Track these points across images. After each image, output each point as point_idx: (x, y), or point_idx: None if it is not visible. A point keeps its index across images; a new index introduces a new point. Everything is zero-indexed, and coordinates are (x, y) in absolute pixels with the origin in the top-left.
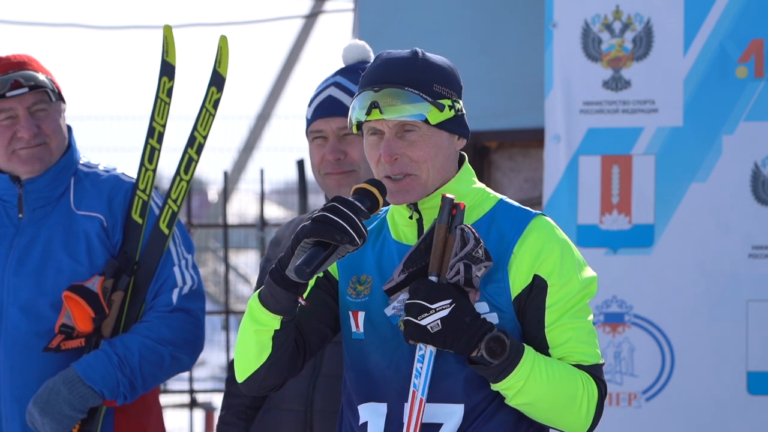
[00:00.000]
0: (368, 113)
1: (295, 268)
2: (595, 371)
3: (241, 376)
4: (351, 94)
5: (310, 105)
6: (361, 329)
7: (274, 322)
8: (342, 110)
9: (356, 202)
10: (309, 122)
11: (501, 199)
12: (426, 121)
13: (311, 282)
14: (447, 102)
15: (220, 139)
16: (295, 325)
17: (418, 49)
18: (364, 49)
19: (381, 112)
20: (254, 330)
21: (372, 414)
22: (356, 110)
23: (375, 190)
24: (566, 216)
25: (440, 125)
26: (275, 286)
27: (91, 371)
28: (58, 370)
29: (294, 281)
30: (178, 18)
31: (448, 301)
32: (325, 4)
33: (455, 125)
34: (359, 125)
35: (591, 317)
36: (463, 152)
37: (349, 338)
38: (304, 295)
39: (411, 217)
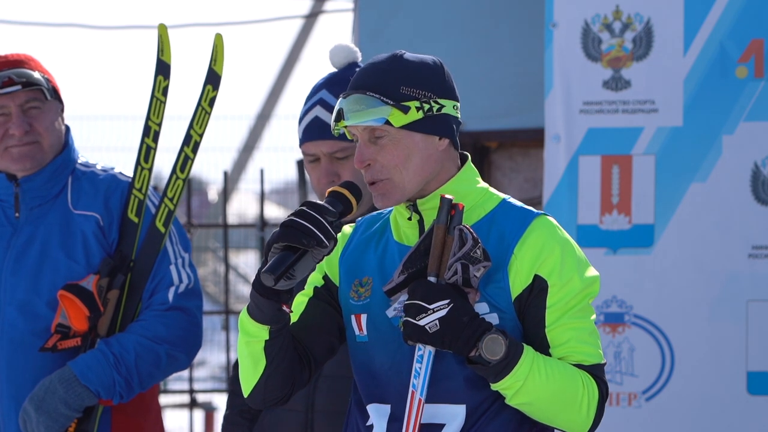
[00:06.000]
0: (336, 120)
1: (260, 275)
2: (595, 371)
3: (245, 391)
4: None
5: (300, 122)
6: (365, 332)
7: (262, 332)
8: (329, 133)
9: (326, 205)
10: (300, 142)
11: (504, 199)
12: (389, 124)
13: (309, 293)
14: (414, 103)
15: (220, 139)
16: (293, 336)
17: (400, 52)
18: (351, 51)
19: (344, 119)
20: (245, 342)
21: (377, 415)
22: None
23: (347, 193)
24: (566, 216)
25: (409, 127)
26: (258, 296)
27: (87, 370)
28: (55, 369)
29: (274, 290)
30: (178, 18)
31: (446, 302)
32: (325, 4)
33: (429, 126)
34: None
35: (593, 317)
36: (465, 152)
37: (354, 341)
38: (307, 304)
39: (410, 218)
